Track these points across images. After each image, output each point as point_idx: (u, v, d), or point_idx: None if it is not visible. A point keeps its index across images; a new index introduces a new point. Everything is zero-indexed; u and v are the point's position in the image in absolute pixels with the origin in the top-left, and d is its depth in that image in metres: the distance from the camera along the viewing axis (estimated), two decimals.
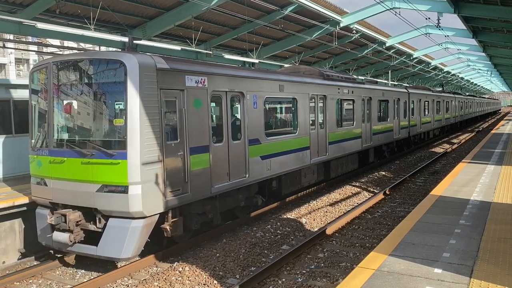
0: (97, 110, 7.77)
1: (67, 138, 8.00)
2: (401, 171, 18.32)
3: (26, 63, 49.20)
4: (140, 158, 7.19)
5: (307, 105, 12.59)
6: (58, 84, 8.06)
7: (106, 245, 7.40)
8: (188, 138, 8.13)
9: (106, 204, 7.41)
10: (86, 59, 7.88)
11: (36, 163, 8.32)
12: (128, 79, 7.24)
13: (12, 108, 11.57)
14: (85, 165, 7.53)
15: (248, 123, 9.98)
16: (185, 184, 8.10)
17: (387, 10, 18.96)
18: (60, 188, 7.89)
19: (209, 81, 8.75)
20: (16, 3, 13.37)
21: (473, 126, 49.44)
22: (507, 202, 7.98)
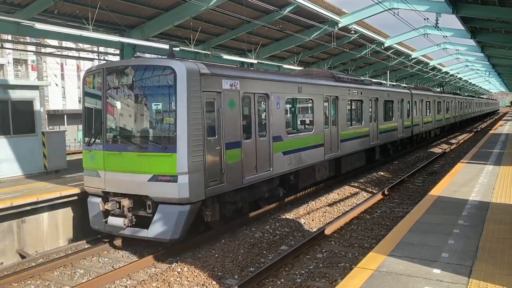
0: (150, 110, 8.83)
1: (122, 135, 8.97)
2: (399, 171, 18.33)
3: (24, 64, 49.10)
4: (187, 151, 8.19)
5: (321, 105, 13.52)
6: (111, 87, 9.03)
7: (156, 228, 8.30)
8: (224, 134, 9.11)
9: (157, 192, 8.34)
10: (139, 65, 8.94)
11: (89, 157, 9.24)
12: (177, 83, 8.23)
13: (10, 108, 11.54)
14: (138, 158, 8.53)
15: (272, 121, 10.92)
16: (222, 175, 9.05)
17: (386, 10, 18.99)
18: (113, 179, 8.82)
19: (241, 84, 9.75)
20: (15, 3, 13.35)
21: (471, 127, 49.49)
22: (505, 202, 7.98)
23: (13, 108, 11.60)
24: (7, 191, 9.92)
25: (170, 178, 8.22)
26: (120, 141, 8.88)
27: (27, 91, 12.00)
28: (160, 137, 8.54)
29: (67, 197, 9.82)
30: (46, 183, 10.86)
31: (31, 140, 11.94)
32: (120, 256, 9.03)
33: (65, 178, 11.56)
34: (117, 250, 9.35)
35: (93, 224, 9.22)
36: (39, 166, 12.16)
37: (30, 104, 11.98)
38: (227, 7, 15.88)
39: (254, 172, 10.14)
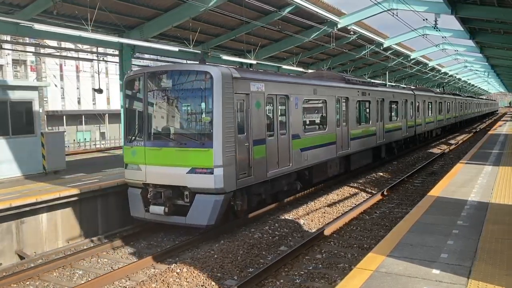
0: (189, 110, 9.82)
1: (162, 132, 9.83)
2: (399, 172, 18.33)
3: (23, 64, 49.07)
4: (222, 147, 9.06)
5: (334, 106, 14.42)
6: (152, 90, 9.91)
7: (194, 215, 9.17)
8: (251, 132, 10.01)
9: (194, 183, 9.21)
10: (178, 70, 10.12)
11: (130, 153, 10.05)
12: (214, 86, 9.11)
13: (9, 109, 11.52)
14: (178, 152, 9.39)
15: (292, 120, 11.80)
16: (250, 169, 9.95)
17: (385, 11, 18.99)
18: (153, 172, 9.63)
19: (265, 87, 10.63)
20: (14, 4, 13.34)
21: (470, 127, 49.53)
22: (504, 202, 7.99)
23: (12, 109, 11.58)
24: (6, 191, 9.90)
25: (207, 170, 9.09)
26: (161, 138, 9.75)
27: (26, 91, 11.98)
28: (198, 134, 9.43)
29: (66, 198, 9.81)
30: (45, 183, 10.86)
31: (30, 140, 11.92)
32: (119, 257, 9.02)
33: (64, 179, 11.55)
34: (116, 251, 9.35)
35: (133, 212, 10.07)
36: (38, 167, 12.14)
37: (29, 104, 11.96)
38: (226, 7, 15.88)
39: (276, 166, 11.06)
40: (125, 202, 10.36)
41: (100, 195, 10.62)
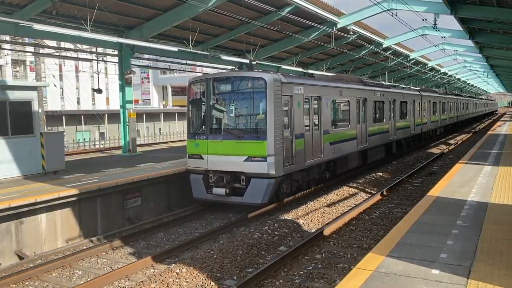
0: (246, 109, 11.68)
1: (224, 127, 11.71)
2: (398, 172, 18.34)
3: (22, 64, 49.04)
4: (273, 139, 10.90)
5: (355, 105, 16.17)
6: (214, 92, 11.76)
7: (250, 195, 11.05)
8: (294, 127, 11.81)
9: (250, 169, 11.09)
10: (237, 76, 12.04)
11: (194, 145, 11.91)
12: (267, 89, 10.94)
13: (8, 109, 11.51)
14: (236, 144, 11.26)
15: (323, 118, 13.59)
16: (292, 158, 11.77)
17: (384, 11, 18.99)
18: (214, 160, 11.53)
19: (304, 90, 12.46)
20: (13, 4, 13.33)
21: (470, 127, 49.57)
22: (504, 202, 7.99)
23: (11, 109, 11.56)
24: (5, 192, 9.89)
25: (261, 158, 10.94)
26: (221, 132, 11.62)
27: (25, 92, 11.97)
28: (254, 128, 11.39)
29: (65, 198, 9.80)
30: (44, 184, 10.85)
31: (29, 141, 11.91)
32: (119, 257, 9.02)
33: (64, 179, 11.54)
34: (115, 251, 9.35)
35: (195, 194, 11.94)
36: (37, 167, 12.13)
37: (28, 105, 11.94)
38: (226, 8, 15.88)
39: (312, 157, 12.86)
40: (124, 203, 10.35)
41: (100, 195, 10.62)
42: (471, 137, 34.34)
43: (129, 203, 11.33)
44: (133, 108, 17.08)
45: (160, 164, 13.97)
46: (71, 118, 35.82)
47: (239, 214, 12.01)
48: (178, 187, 12.86)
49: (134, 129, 17.14)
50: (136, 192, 11.54)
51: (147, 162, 14.51)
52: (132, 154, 16.87)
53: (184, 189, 13.04)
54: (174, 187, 12.73)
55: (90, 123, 36.98)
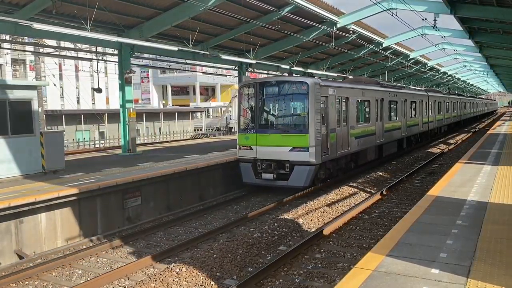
0: (291, 108, 14.02)
1: (271, 123, 14.01)
2: (398, 172, 18.34)
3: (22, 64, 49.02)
4: (314, 133, 12.95)
5: (374, 105, 18.23)
6: (263, 94, 13.91)
7: (294, 180, 13.10)
8: (328, 123, 13.89)
9: (294, 157, 13.13)
10: (283, 80, 14.19)
11: (244, 138, 14.01)
12: (309, 91, 13.01)
13: (8, 108, 11.50)
14: (282, 137, 13.37)
15: (349, 115, 15.66)
16: (327, 149, 13.86)
17: (384, 10, 18.99)
18: (263, 150, 13.60)
19: (336, 91, 14.53)
20: (12, 3, 13.32)
21: (469, 127, 49.59)
22: (503, 202, 7.99)
23: (11, 108, 11.55)
24: (5, 191, 9.89)
25: (304, 149, 12.98)
26: (269, 127, 13.85)
27: (25, 91, 11.95)
28: (297, 124, 13.54)
29: (65, 198, 9.80)
30: (44, 183, 10.84)
31: (29, 140, 11.90)
32: (119, 257, 9.02)
33: (63, 179, 11.54)
34: (115, 250, 9.35)
35: (245, 179, 14.06)
36: (37, 167, 12.12)
37: (28, 104, 11.93)
38: (226, 7, 15.88)
39: (341, 149, 14.91)
40: (124, 202, 10.33)
41: (99, 195, 10.62)
42: (471, 137, 34.34)
43: (129, 202, 11.33)
44: (133, 108, 17.07)
45: (159, 164, 13.97)
46: (71, 118, 35.79)
47: (238, 214, 12.03)
48: (177, 186, 12.86)
49: (134, 129, 17.13)
50: (136, 191, 11.54)
51: (147, 162, 14.51)
52: (132, 154, 16.87)
53: (183, 189, 13.05)
54: (173, 187, 12.73)
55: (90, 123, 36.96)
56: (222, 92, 70.60)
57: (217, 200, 13.85)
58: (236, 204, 13.29)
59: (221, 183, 14.65)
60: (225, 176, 14.69)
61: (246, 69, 23.71)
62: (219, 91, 70.28)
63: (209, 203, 13.39)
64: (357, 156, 16.85)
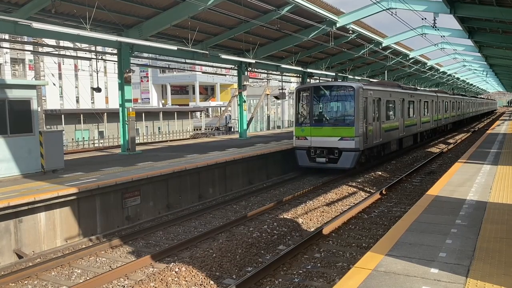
0: (340, 106, 17.42)
1: (323, 118, 17.29)
2: (397, 171, 18.36)
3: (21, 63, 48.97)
4: (358, 126, 16.34)
5: (397, 104, 21.62)
6: (317, 95, 17.25)
7: (342, 162, 16.46)
8: (367, 119, 17.30)
9: (342, 145, 16.45)
10: (332, 85, 17.58)
11: (300, 130, 17.36)
12: (355, 94, 16.40)
13: (7, 108, 11.49)
14: (333, 129, 16.73)
15: (381, 113, 19.06)
16: (366, 139, 17.24)
17: (384, 10, 18.99)
18: (316, 140, 16.94)
19: (372, 93, 17.97)
20: (11, 2, 13.30)
21: (468, 126, 49.64)
22: (503, 202, 8.00)
23: (10, 108, 11.53)
24: (4, 191, 9.88)
25: (350, 138, 16.34)
26: (322, 121, 17.24)
27: (24, 90, 11.94)
28: (345, 119, 16.88)
29: (64, 197, 9.79)
30: (43, 182, 10.84)
31: (28, 139, 11.88)
32: (118, 256, 9.02)
33: (63, 178, 11.53)
34: (114, 250, 9.35)
35: (301, 163, 17.39)
36: (36, 166, 12.11)
37: (27, 103, 11.91)
38: (225, 6, 15.86)
39: (375, 140, 18.34)
40: (123, 201, 10.31)
41: (99, 194, 10.61)
42: (470, 136, 34.36)
43: (128, 202, 11.32)
44: (132, 107, 17.05)
45: (159, 163, 13.97)
46: (70, 117, 35.76)
47: (238, 214, 12.03)
48: (177, 185, 12.86)
49: (134, 128, 17.12)
50: (135, 191, 11.54)
51: (146, 161, 14.50)
52: (131, 153, 16.86)
53: (182, 189, 13.05)
54: (173, 186, 12.73)
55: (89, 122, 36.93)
56: (221, 91, 70.58)
57: (216, 200, 13.85)
58: (236, 203, 13.29)
59: (221, 182, 14.65)
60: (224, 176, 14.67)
61: (246, 69, 23.70)
62: (218, 90, 70.26)
63: (208, 203, 13.39)
64: (384, 147, 20.08)
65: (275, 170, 17.84)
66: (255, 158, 16.48)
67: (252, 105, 44.20)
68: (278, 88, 33.17)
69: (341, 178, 16.32)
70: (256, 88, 46.62)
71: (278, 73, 29.46)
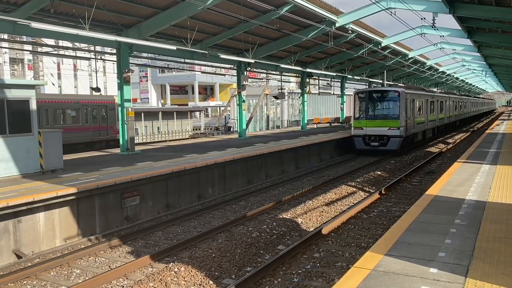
0: (389, 105, 23.22)
1: (376, 113, 23.16)
2: (396, 171, 18.36)
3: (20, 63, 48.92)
4: (401, 119, 22.33)
5: (423, 103, 27.42)
6: (371, 97, 23.03)
7: (390, 145, 22.30)
8: (407, 114, 23.06)
9: (390, 133, 22.33)
10: (385, 90, 24.09)
11: (358, 122, 23.14)
12: (400, 96, 22.45)
13: (6, 108, 11.47)
14: (383, 121, 22.58)
15: (414, 110, 24.78)
16: (407, 129, 22.82)
17: (383, 10, 18.98)
18: (370, 129, 22.75)
19: (410, 95, 23.56)
20: (10, 2, 13.28)
21: (468, 126, 49.71)
22: (502, 201, 8.00)
23: (9, 108, 11.52)
24: (3, 191, 9.86)
25: (396, 128, 22.11)
26: (375, 116, 23.08)
27: (23, 90, 11.92)
28: (393, 114, 22.55)
29: (63, 197, 9.78)
30: (42, 182, 10.83)
31: (27, 139, 11.87)
32: (117, 256, 9.01)
33: (62, 178, 11.52)
34: (113, 250, 9.34)
35: (358, 146, 23.20)
36: (35, 166, 12.10)
37: (26, 103, 11.90)
38: (224, 6, 15.85)
39: (411, 130, 24.20)
40: (122, 201, 10.28)
41: (98, 194, 10.60)
42: (469, 136, 34.38)
43: (127, 202, 11.31)
44: (131, 107, 17.04)
45: (158, 163, 13.96)
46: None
47: (237, 214, 12.02)
48: (176, 185, 12.86)
49: (133, 128, 17.10)
50: (134, 191, 11.53)
51: (146, 161, 14.49)
52: (131, 153, 16.85)
53: (182, 188, 13.04)
54: (172, 186, 12.72)
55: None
56: (220, 91, 70.53)
57: (215, 200, 13.85)
58: (235, 203, 13.29)
59: (219, 182, 14.65)
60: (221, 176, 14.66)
61: (245, 69, 23.69)
62: (217, 90, 70.22)
63: (208, 203, 13.39)
64: (414, 136, 25.60)
65: (275, 170, 17.84)
66: (255, 158, 16.48)
67: (252, 105, 44.16)
68: (278, 88, 33.15)
69: (340, 178, 16.32)
70: (255, 88, 46.58)
71: (277, 73, 29.45)
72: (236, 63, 23.25)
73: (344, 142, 24.48)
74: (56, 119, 22.13)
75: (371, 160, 21.45)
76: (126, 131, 16.88)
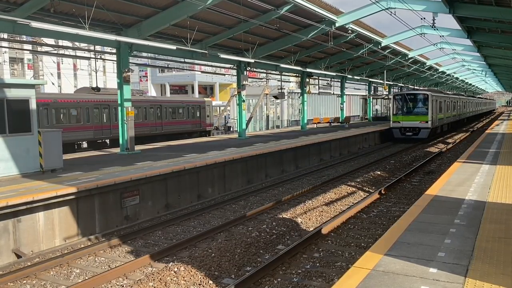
0: (420, 104, 30.42)
1: (410, 110, 30.59)
2: (396, 171, 18.36)
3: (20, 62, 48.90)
4: (429, 115, 29.94)
5: (443, 103, 33.91)
6: (405, 99, 30.85)
7: (421, 135, 29.94)
8: (434, 112, 30.78)
9: (421, 126, 29.96)
10: (417, 93, 31.44)
11: (396, 117, 30.60)
12: (429, 98, 30.14)
13: (6, 107, 11.47)
14: (415, 116, 30.12)
15: (437, 108, 31.83)
16: (433, 122, 30.59)
17: (383, 10, 18.98)
18: (406, 123, 30.26)
19: (435, 97, 31.32)
20: (10, 1, 13.28)
21: (467, 126, 49.74)
22: (501, 201, 8.01)
23: (9, 107, 11.51)
24: (3, 190, 9.86)
25: (426, 121, 29.73)
26: (409, 112, 30.27)
27: (23, 89, 11.91)
28: (423, 111, 29.99)
29: (63, 196, 9.78)
30: (42, 182, 10.82)
31: (27, 139, 11.87)
32: (117, 256, 9.01)
33: (61, 177, 11.52)
34: (113, 249, 9.34)
35: (396, 135, 30.46)
36: (35, 165, 12.10)
37: (26, 103, 11.90)
38: (224, 6, 15.84)
39: (436, 123, 31.21)
40: (122, 201, 10.28)
41: (98, 194, 10.60)
42: (469, 136, 34.41)
43: (127, 201, 11.32)
44: (131, 107, 17.04)
45: (158, 163, 13.96)
46: None
47: (237, 213, 12.03)
48: (176, 185, 12.86)
49: (132, 127, 17.10)
50: (134, 190, 11.53)
51: (145, 161, 14.49)
52: (130, 153, 16.85)
53: (181, 188, 13.04)
54: (172, 185, 12.72)
55: None
56: (220, 91, 70.46)
57: (215, 200, 13.85)
58: (235, 203, 13.29)
59: (219, 182, 14.66)
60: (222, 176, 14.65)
61: (245, 68, 23.69)
62: (217, 90, 70.20)
63: (207, 203, 13.38)
64: (436, 129, 31.98)
65: (275, 170, 17.84)
66: (254, 157, 16.48)
67: (251, 104, 44.16)
68: (277, 88, 33.15)
69: (340, 178, 16.33)
70: (255, 88, 46.58)
71: (277, 72, 29.45)
72: (236, 62, 23.24)
73: (344, 142, 24.50)
74: (168, 116, 30.35)
75: (371, 160, 21.45)
76: (126, 130, 16.88)
